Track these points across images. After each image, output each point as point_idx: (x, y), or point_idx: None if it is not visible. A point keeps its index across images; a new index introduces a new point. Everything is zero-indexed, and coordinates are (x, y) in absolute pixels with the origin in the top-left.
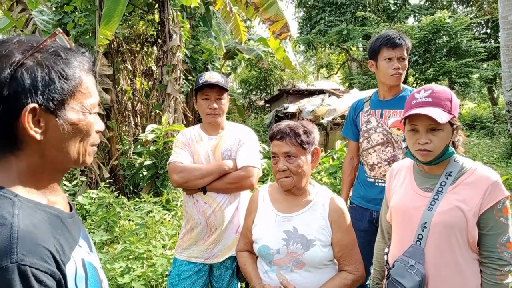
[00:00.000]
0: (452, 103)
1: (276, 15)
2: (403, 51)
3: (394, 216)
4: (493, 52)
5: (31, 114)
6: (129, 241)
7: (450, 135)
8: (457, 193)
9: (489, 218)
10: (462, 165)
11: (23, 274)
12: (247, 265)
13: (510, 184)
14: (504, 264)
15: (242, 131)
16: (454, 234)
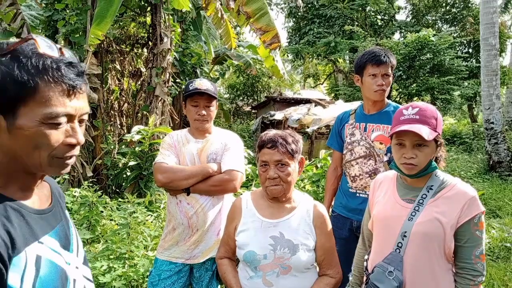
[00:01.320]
0: (437, 121)
1: (267, 25)
2: (387, 68)
3: (376, 225)
4: (474, 71)
5: None
6: (111, 241)
7: (434, 151)
8: (437, 205)
9: (465, 231)
10: (442, 179)
11: None
12: (227, 273)
13: (485, 199)
14: (477, 274)
15: (228, 136)
16: (432, 244)
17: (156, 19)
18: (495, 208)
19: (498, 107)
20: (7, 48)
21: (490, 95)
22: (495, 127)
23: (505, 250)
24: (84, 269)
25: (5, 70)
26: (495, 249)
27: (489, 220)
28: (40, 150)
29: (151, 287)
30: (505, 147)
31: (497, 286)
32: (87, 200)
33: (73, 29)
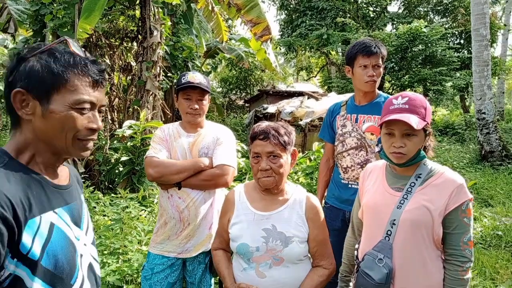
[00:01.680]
0: (426, 111)
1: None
2: (378, 59)
3: (366, 213)
4: (466, 62)
5: (18, 96)
6: (105, 236)
7: (423, 140)
8: (425, 193)
9: (453, 218)
10: (431, 168)
11: None
12: (221, 264)
13: (477, 189)
14: (465, 260)
15: (220, 130)
16: (420, 231)
17: (146, 12)
18: (487, 197)
19: (489, 97)
20: (45, 47)
21: (481, 85)
22: (487, 117)
23: (496, 238)
24: (92, 248)
25: (44, 64)
26: (487, 237)
27: (481, 209)
28: (67, 132)
29: (145, 281)
30: (496, 137)
31: (489, 273)
32: None
33: (61, 23)
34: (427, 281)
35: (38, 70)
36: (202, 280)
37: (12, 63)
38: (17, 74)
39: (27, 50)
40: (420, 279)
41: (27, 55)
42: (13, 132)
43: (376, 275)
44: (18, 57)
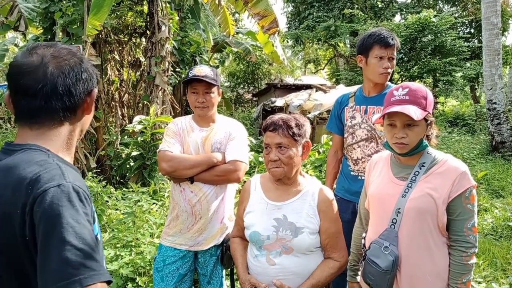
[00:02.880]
0: (427, 101)
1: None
2: (393, 51)
3: (372, 203)
4: (476, 52)
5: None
6: (117, 230)
7: (424, 130)
8: (429, 181)
9: (457, 204)
10: (434, 157)
11: (76, 190)
12: (236, 252)
13: (488, 179)
14: (470, 246)
15: (232, 125)
16: (425, 219)
17: (153, 8)
18: (498, 188)
19: (500, 87)
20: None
21: (492, 75)
22: (498, 108)
23: (508, 229)
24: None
25: (90, 63)
26: (498, 229)
27: (492, 200)
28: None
29: (156, 272)
30: (508, 127)
31: (500, 264)
32: (92, 191)
33: (71, 20)
34: (433, 267)
35: (94, 71)
36: (214, 272)
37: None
38: (86, 72)
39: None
40: (426, 265)
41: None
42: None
43: (382, 262)
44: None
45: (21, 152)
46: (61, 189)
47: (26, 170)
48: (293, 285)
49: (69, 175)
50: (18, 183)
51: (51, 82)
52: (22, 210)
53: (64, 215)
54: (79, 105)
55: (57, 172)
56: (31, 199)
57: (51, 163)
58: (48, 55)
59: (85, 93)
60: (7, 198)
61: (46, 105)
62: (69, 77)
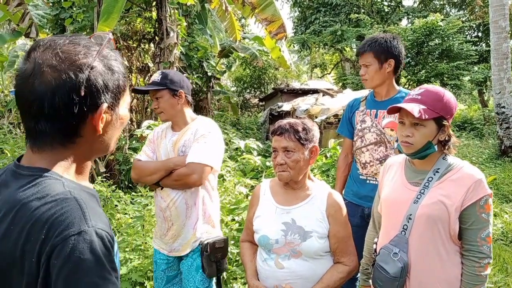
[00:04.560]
0: (442, 103)
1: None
2: (366, 58)
3: (384, 207)
4: (484, 55)
5: (103, 112)
6: (126, 234)
7: (433, 132)
8: (442, 188)
9: (471, 213)
10: (450, 163)
11: (100, 236)
12: (245, 256)
13: (497, 184)
14: (483, 257)
15: (201, 125)
16: (437, 226)
17: (162, 14)
18: (508, 193)
19: (509, 91)
20: (101, 48)
21: (500, 79)
22: (507, 111)
23: None
24: None
25: (114, 68)
26: (508, 234)
27: (502, 205)
28: (119, 132)
29: (154, 274)
30: None
31: (511, 269)
32: (102, 195)
33: (81, 26)
34: (444, 275)
35: (116, 78)
36: (195, 278)
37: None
38: (90, 85)
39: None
40: (436, 273)
41: (89, 59)
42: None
43: (391, 269)
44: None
45: (33, 182)
46: (83, 237)
47: (41, 210)
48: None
49: (91, 215)
50: (32, 226)
51: (38, 99)
52: (37, 258)
53: (86, 272)
54: (79, 126)
55: (77, 213)
56: (48, 249)
57: (68, 199)
58: (40, 62)
59: (87, 111)
60: (19, 241)
61: (38, 127)
62: (58, 95)
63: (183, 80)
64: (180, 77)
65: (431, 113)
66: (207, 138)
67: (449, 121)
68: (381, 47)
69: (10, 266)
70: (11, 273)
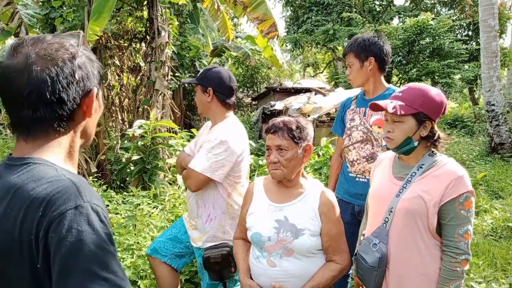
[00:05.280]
0: (422, 100)
1: (264, 14)
2: (349, 58)
3: (370, 201)
4: (474, 54)
5: (94, 95)
6: (118, 233)
7: (412, 128)
8: (423, 183)
9: (449, 209)
10: (435, 159)
11: (96, 210)
12: (238, 255)
13: (487, 181)
14: (460, 253)
15: (218, 130)
16: (415, 220)
17: (153, 13)
18: (498, 189)
19: (498, 89)
20: (82, 42)
21: (490, 77)
22: (496, 109)
23: (507, 230)
24: None
25: (94, 60)
26: (497, 229)
27: (492, 201)
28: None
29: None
30: (506, 129)
31: (500, 264)
32: None
33: (71, 26)
34: (422, 269)
35: (97, 67)
36: (201, 272)
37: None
38: (80, 71)
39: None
40: (415, 266)
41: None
42: (50, 135)
43: (369, 258)
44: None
45: (26, 168)
46: (79, 211)
47: (37, 190)
48: (293, 287)
49: (85, 192)
50: (29, 205)
51: (37, 88)
52: (36, 235)
53: (85, 241)
54: (74, 110)
55: (72, 190)
56: (46, 224)
57: (63, 180)
58: (33, 54)
59: (81, 95)
60: (17, 222)
61: (35, 115)
62: (58, 81)
63: (218, 78)
64: (216, 75)
65: (408, 109)
66: (213, 147)
67: (433, 118)
68: (360, 47)
69: (10, 247)
70: (11, 254)
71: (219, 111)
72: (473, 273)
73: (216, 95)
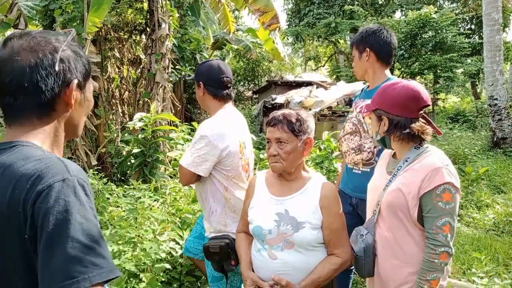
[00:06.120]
0: (379, 97)
1: (265, 6)
2: (352, 50)
3: (367, 194)
4: (477, 48)
5: (75, 86)
6: (119, 226)
7: (376, 124)
8: (405, 177)
9: (427, 201)
10: (420, 151)
11: (82, 184)
12: (240, 248)
13: (489, 175)
14: (438, 245)
15: (203, 124)
16: (396, 212)
17: (153, 5)
18: (500, 184)
19: (501, 83)
20: (70, 38)
21: (493, 71)
22: (499, 103)
23: (509, 225)
24: None
25: (80, 55)
26: (499, 224)
27: (494, 196)
28: (86, 116)
29: None
30: (509, 123)
31: (502, 259)
32: (94, 188)
33: (70, 17)
34: (407, 258)
35: (82, 61)
36: (207, 264)
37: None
38: (62, 64)
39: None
40: (400, 256)
41: (58, 45)
42: (34, 122)
43: (356, 248)
44: (57, 47)
45: (14, 149)
46: (66, 183)
47: (26, 167)
48: (294, 280)
49: (73, 168)
50: (18, 181)
51: (17, 77)
52: (23, 207)
53: (71, 211)
54: (54, 100)
55: (60, 166)
56: (34, 195)
57: (51, 157)
58: (17, 46)
59: (60, 86)
60: (6, 195)
61: (16, 102)
62: (37, 71)
63: (207, 72)
64: (208, 69)
65: (369, 107)
66: (195, 142)
67: (393, 112)
68: (357, 39)
69: (2, 221)
70: (1, 228)
71: (213, 105)
72: (475, 268)
73: (207, 88)
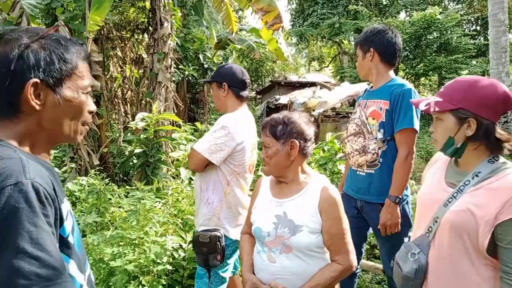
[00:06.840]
0: (462, 94)
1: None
2: (357, 49)
3: (417, 203)
4: (482, 49)
5: (33, 87)
6: (121, 227)
7: (452, 127)
8: (476, 196)
9: (508, 231)
10: (496, 167)
11: (36, 188)
12: (243, 250)
13: None
14: None
15: (222, 117)
16: (461, 236)
17: (156, 3)
18: None
19: (507, 84)
20: (44, 33)
21: (499, 72)
22: None
23: None
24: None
25: (54, 51)
26: None
27: None
28: (77, 118)
29: None
30: None
31: None
32: (95, 188)
33: (72, 16)
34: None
35: (52, 58)
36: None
37: (11, 49)
38: (22, 62)
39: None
40: (456, 285)
41: (25, 40)
42: (5, 122)
43: (406, 268)
44: (19, 44)
45: None
46: (18, 187)
47: None
48: (292, 286)
49: (31, 170)
50: None
51: None
52: None
53: (20, 219)
54: (13, 100)
55: (17, 167)
56: None
57: (13, 158)
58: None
59: (17, 86)
60: None
61: None
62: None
63: (231, 73)
64: (230, 71)
65: (445, 105)
66: (215, 130)
67: (481, 114)
68: (362, 38)
69: None
70: None
71: (234, 104)
72: None
73: (231, 89)
